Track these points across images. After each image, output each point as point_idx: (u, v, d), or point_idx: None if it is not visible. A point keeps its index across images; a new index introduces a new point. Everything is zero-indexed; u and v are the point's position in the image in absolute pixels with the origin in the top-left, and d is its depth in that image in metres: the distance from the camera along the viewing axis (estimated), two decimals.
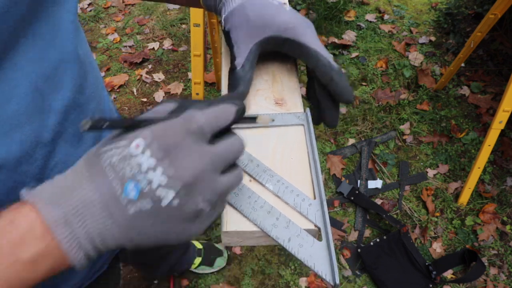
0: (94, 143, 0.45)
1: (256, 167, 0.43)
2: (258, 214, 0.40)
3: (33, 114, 0.35)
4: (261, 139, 0.46)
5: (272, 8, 0.46)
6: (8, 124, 0.33)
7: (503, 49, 2.19)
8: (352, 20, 2.45)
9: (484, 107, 2.01)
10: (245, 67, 0.46)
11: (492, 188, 1.75)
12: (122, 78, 2.20)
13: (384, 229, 1.66)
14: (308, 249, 0.39)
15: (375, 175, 1.82)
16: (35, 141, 0.36)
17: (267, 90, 0.51)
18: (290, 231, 0.39)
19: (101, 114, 0.48)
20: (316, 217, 0.41)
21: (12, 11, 0.31)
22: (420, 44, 2.33)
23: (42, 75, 0.36)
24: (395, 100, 2.07)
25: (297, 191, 0.42)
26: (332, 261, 0.38)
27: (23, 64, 0.34)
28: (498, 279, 1.53)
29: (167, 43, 2.39)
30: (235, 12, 0.47)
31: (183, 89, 2.15)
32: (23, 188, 0.35)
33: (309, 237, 0.39)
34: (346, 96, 0.45)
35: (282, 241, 0.39)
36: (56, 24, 0.37)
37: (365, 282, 1.53)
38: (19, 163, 0.35)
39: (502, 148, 1.85)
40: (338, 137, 1.95)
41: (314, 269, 0.38)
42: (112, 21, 2.54)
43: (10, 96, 0.33)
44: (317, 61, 0.45)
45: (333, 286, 0.38)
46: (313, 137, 0.46)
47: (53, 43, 0.37)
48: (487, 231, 1.63)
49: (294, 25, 0.45)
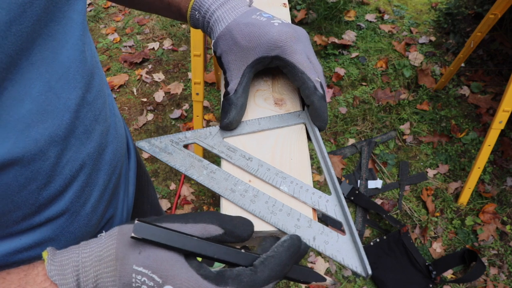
0: (101, 140, 0.45)
1: (267, 171, 0.43)
2: (278, 217, 0.40)
3: (46, 113, 0.36)
4: (260, 139, 0.46)
5: (260, 27, 0.45)
6: (22, 122, 0.34)
7: (503, 49, 2.19)
8: (352, 20, 2.45)
9: (484, 107, 2.01)
10: (237, 92, 0.46)
11: (492, 188, 1.75)
12: (122, 78, 2.20)
13: (384, 229, 1.66)
14: (334, 245, 0.39)
15: (375, 175, 1.82)
16: (49, 139, 0.37)
17: (266, 90, 0.51)
18: (313, 230, 0.39)
19: (106, 113, 0.48)
20: (335, 212, 0.41)
21: (29, 11, 0.32)
22: (420, 44, 2.33)
23: (55, 74, 0.36)
24: (395, 100, 2.07)
25: (312, 190, 0.42)
26: (360, 253, 0.38)
27: (38, 64, 0.34)
28: (498, 279, 1.53)
29: (167, 43, 2.39)
30: (223, 36, 0.47)
31: (183, 89, 2.15)
32: (34, 186, 0.36)
33: (333, 233, 0.40)
34: (319, 123, 0.47)
35: (308, 240, 0.39)
36: (67, 24, 0.38)
37: (365, 282, 1.53)
38: (33, 160, 0.36)
39: (502, 148, 1.85)
40: (338, 137, 1.95)
41: (344, 264, 0.38)
42: (112, 21, 2.54)
43: (25, 95, 0.34)
44: (303, 83, 0.45)
45: (365, 277, 0.38)
46: (318, 133, 0.46)
47: (65, 43, 0.37)
48: (487, 231, 1.63)
49: (282, 43, 0.44)
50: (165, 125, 2.01)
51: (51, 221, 0.41)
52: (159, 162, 1.87)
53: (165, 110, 2.07)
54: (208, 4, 0.48)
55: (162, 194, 1.76)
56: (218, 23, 0.47)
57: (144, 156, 1.88)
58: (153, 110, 2.08)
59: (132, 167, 0.60)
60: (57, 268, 0.32)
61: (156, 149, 0.45)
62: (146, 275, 0.31)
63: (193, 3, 0.50)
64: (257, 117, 0.48)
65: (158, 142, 0.45)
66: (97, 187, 0.46)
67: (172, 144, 0.45)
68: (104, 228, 0.51)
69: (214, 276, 0.31)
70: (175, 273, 0.31)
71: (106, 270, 0.32)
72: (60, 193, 0.41)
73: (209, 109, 2.07)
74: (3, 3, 0.29)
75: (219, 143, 0.46)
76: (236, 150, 0.45)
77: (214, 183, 0.42)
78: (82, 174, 0.43)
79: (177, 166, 0.44)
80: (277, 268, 0.33)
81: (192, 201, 1.75)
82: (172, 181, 1.80)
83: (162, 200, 1.75)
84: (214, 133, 0.47)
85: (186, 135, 0.47)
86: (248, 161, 0.44)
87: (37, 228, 0.41)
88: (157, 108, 2.08)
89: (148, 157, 1.89)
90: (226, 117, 0.46)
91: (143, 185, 0.68)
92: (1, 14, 0.29)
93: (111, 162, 0.48)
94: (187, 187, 1.77)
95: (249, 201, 0.41)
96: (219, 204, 0.43)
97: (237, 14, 0.47)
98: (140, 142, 0.46)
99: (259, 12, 0.48)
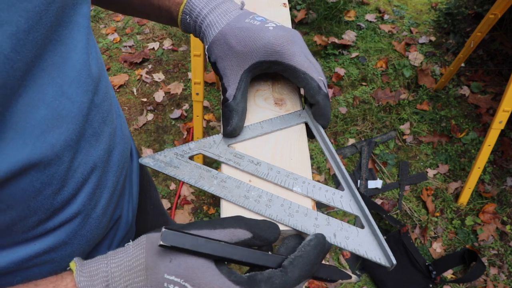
0: (109, 142, 0.45)
1: (278, 174, 0.43)
2: (296, 219, 0.40)
3: (61, 118, 0.36)
4: (261, 141, 0.46)
5: (254, 31, 0.44)
6: (39, 128, 0.34)
7: (503, 49, 2.19)
8: (352, 20, 2.45)
9: (484, 107, 2.01)
10: (236, 98, 0.45)
11: (492, 188, 1.75)
12: (122, 78, 2.20)
13: (384, 229, 1.66)
14: (355, 239, 0.39)
15: (375, 175, 1.82)
16: (65, 144, 0.37)
17: (266, 90, 0.51)
18: (332, 227, 0.40)
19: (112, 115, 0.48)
20: (351, 207, 0.42)
21: (44, 19, 0.32)
22: (420, 44, 2.33)
23: (67, 78, 0.37)
24: (395, 100, 2.07)
25: (325, 187, 0.42)
26: (382, 244, 0.39)
27: (49, 69, 0.35)
28: (498, 279, 1.53)
29: (167, 43, 2.39)
30: (217, 42, 0.46)
31: (183, 89, 2.15)
32: (50, 191, 0.36)
33: (352, 228, 0.40)
34: (323, 121, 0.47)
35: (329, 238, 0.39)
36: (74, 28, 0.38)
37: (365, 282, 1.53)
38: (49, 165, 0.36)
39: (502, 148, 1.85)
40: (338, 137, 1.95)
41: (367, 257, 0.39)
42: (112, 21, 2.54)
43: (39, 101, 0.34)
44: (306, 84, 0.45)
45: (390, 267, 0.38)
46: (323, 131, 0.46)
47: (73, 47, 0.38)
48: (487, 231, 1.63)
49: (279, 48, 0.44)
50: (165, 125, 2.01)
51: (64, 225, 0.42)
52: None
53: (165, 110, 2.07)
54: (200, 8, 0.48)
55: (162, 194, 1.76)
56: (210, 28, 0.47)
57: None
58: (153, 110, 2.08)
59: (135, 168, 0.60)
60: (87, 279, 0.32)
61: (162, 164, 0.44)
62: (179, 284, 0.30)
63: (184, 7, 0.49)
64: (259, 121, 0.48)
65: (163, 157, 0.44)
66: (106, 188, 0.46)
67: (177, 157, 0.44)
68: (112, 229, 0.51)
69: (246, 281, 0.31)
70: (207, 281, 0.30)
71: (137, 280, 0.31)
72: (73, 197, 0.41)
73: (209, 109, 2.07)
74: (22, 11, 0.30)
75: (224, 151, 0.45)
76: (243, 156, 0.44)
77: (226, 192, 0.42)
78: (93, 176, 0.43)
79: (186, 179, 0.43)
80: (306, 267, 0.33)
81: (192, 201, 1.75)
82: (172, 181, 1.80)
83: (162, 200, 1.75)
84: (218, 141, 0.46)
85: (190, 146, 0.45)
86: (257, 166, 0.43)
87: (51, 233, 0.41)
88: (157, 108, 2.08)
89: None
90: (229, 124, 0.45)
91: (145, 185, 0.68)
92: (20, 22, 0.29)
93: (118, 164, 0.48)
94: (187, 187, 1.78)
95: (264, 206, 0.41)
96: (219, 204, 0.43)
97: (230, 18, 0.46)
98: (144, 159, 0.44)
99: (252, 16, 0.47)
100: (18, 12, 0.29)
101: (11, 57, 0.29)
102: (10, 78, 0.30)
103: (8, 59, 0.29)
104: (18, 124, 0.32)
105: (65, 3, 0.36)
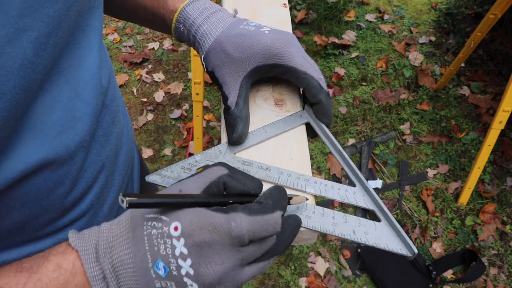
0: (117, 142, 0.46)
1: (289, 177, 0.43)
2: (314, 220, 0.40)
3: (75, 119, 0.37)
4: (262, 143, 0.46)
5: (251, 36, 0.44)
6: (55, 129, 0.35)
7: (503, 49, 2.19)
8: (352, 20, 2.45)
9: (484, 107, 2.01)
10: (239, 104, 0.45)
11: (492, 188, 1.76)
12: (122, 78, 2.20)
13: None
14: (374, 233, 0.40)
15: (375, 175, 1.82)
16: (78, 145, 0.38)
17: (266, 91, 0.51)
18: (350, 224, 0.40)
19: (120, 115, 0.48)
20: (365, 202, 0.42)
21: (63, 23, 0.33)
22: (420, 44, 2.33)
23: (82, 81, 0.37)
24: (395, 100, 2.07)
25: (337, 185, 0.43)
26: (401, 234, 0.39)
27: (65, 72, 0.35)
28: (498, 279, 1.53)
29: (167, 43, 2.39)
30: (213, 50, 0.46)
31: (183, 89, 2.15)
32: (62, 190, 0.38)
33: (369, 223, 0.40)
34: (326, 120, 0.47)
35: (349, 235, 0.39)
36: (89, 32, 0.39)
37: (365, 282, 1.53)
38: (62, 164, 0.37)
39: (502, 148, 1.86)
40: (338, 137, 1.95)
41: (388, 249, 0.39)
42: (112, 21, 2.54)
43: (55, 103, 0.35)
44: (308, 84, 0.45)
45: (412, 256, 0.39)
46: (327, 130, 0.46)
47: (89, 50, 0.38)
48: (487, 231, 1.63)
49: (278, 50, 0.44)
50: (165, 125, 2.02)
51: (73, 223, 0.42)
52: (160, 162, 1.87)
53: (165, 110, 2.07)
54: (193, 18, 0.47)
55: None
56: (205, 37, 0.46)
57: (145, 156, 1.88)
58: (153, 110, 2.08)
59: (136, 167, 0.61)
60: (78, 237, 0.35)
61: (170, 180, 0.43)
62: (155, 219, 0.32)
63: (178, 15, 0.49)
64: (259, 121, 0.47)
65: (170, 172, 0.43)
66: (113, 188, 0.47)
67: (185, 171, 0.44)
68: None
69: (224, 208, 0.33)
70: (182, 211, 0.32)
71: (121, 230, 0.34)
72: (83, 196, 0.42)
73: (209, 109, 2.07)
74: (44, 16, 0.30)
75: (232, 159, 0.44)
76: (252, 163, 0.44)
77: None
78: (101, 176, 0.43)
79: None
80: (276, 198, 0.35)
81: None
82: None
83: None
84: (224, 150, 0.45)
85: (196, 158, 0.45)
86: (266, 171, 0.43)
87: (60, 231, 0.41)
88: (157, 108, 2.08)
89: (148, 157, 1.89)
90: (235, 132, 0.44)
91: (146, 184, 0.69)
92: (42, 27, 0.30)
93: (124, 163, 0.49)
94: None
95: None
96: None
97: (224, 26, 0.46)
98: (151, 176, 0.43)
99: (245, 22, 0.47)
100: (40, 18, 0.30)
101: (33, 61, 0.30)
102: (32, 81, 0.31)
103: (30, 63, 0.30)
104: (35, 125, 0.33)
105: (82, 8, 0.36)
